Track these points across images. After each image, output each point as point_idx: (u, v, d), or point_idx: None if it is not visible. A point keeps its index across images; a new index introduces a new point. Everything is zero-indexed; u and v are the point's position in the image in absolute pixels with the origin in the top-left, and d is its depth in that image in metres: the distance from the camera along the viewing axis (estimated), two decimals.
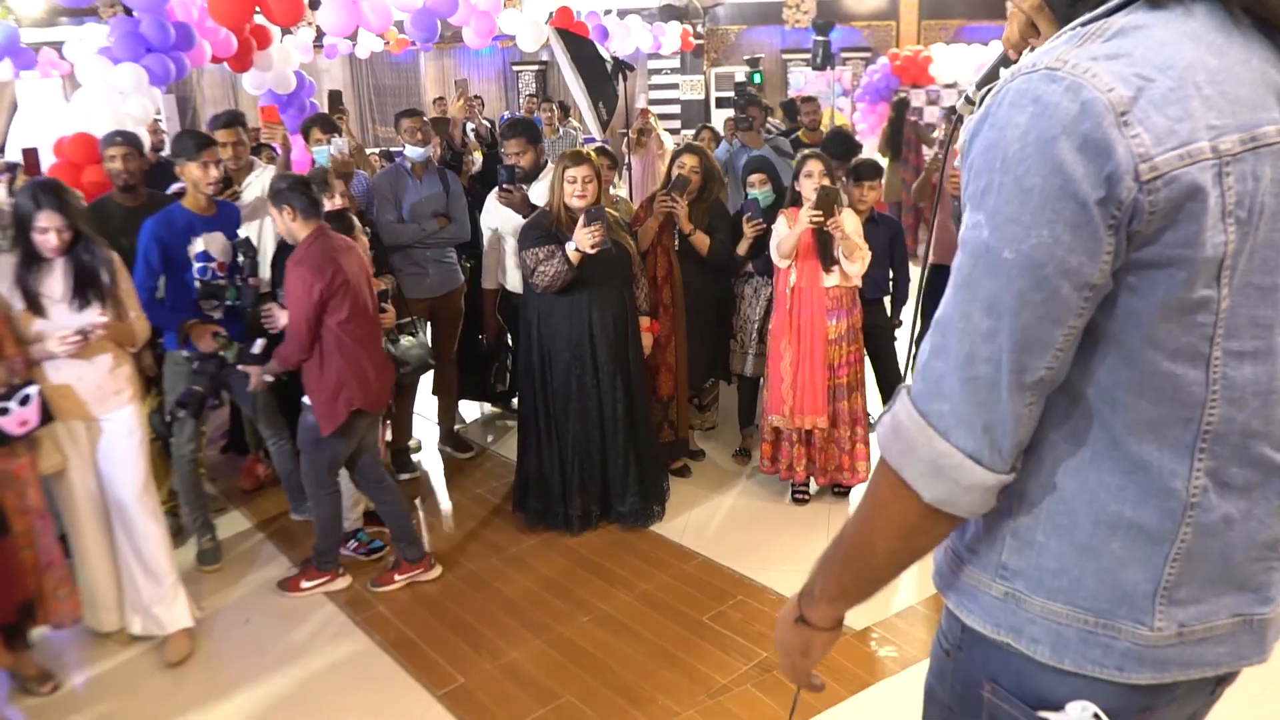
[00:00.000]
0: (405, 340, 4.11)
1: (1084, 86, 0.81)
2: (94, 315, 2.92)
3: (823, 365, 3.90)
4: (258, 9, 4.97)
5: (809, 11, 13.42)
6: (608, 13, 9.81)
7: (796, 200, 3.93)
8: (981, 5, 12.99)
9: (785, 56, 13.79)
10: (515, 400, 4.86)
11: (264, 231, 3.98)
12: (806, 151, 4.01)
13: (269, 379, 3.43)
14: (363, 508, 3.90)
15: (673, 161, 4.33)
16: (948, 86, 10.80)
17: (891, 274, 4.36)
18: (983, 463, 0.92)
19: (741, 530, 3.99)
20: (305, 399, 3.37)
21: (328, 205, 3.61)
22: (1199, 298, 0.85)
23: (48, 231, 2.84)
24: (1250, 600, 0.98)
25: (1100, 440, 0.94)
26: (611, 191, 4.55)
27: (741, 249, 4.24)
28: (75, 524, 3.10)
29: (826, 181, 3.76)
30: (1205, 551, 0.94)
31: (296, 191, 3.23)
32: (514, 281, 4.34)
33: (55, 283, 2.92)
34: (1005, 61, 1.21)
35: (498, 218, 4.34)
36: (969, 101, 1.30)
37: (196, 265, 3.57)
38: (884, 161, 8.29)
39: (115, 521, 3.14)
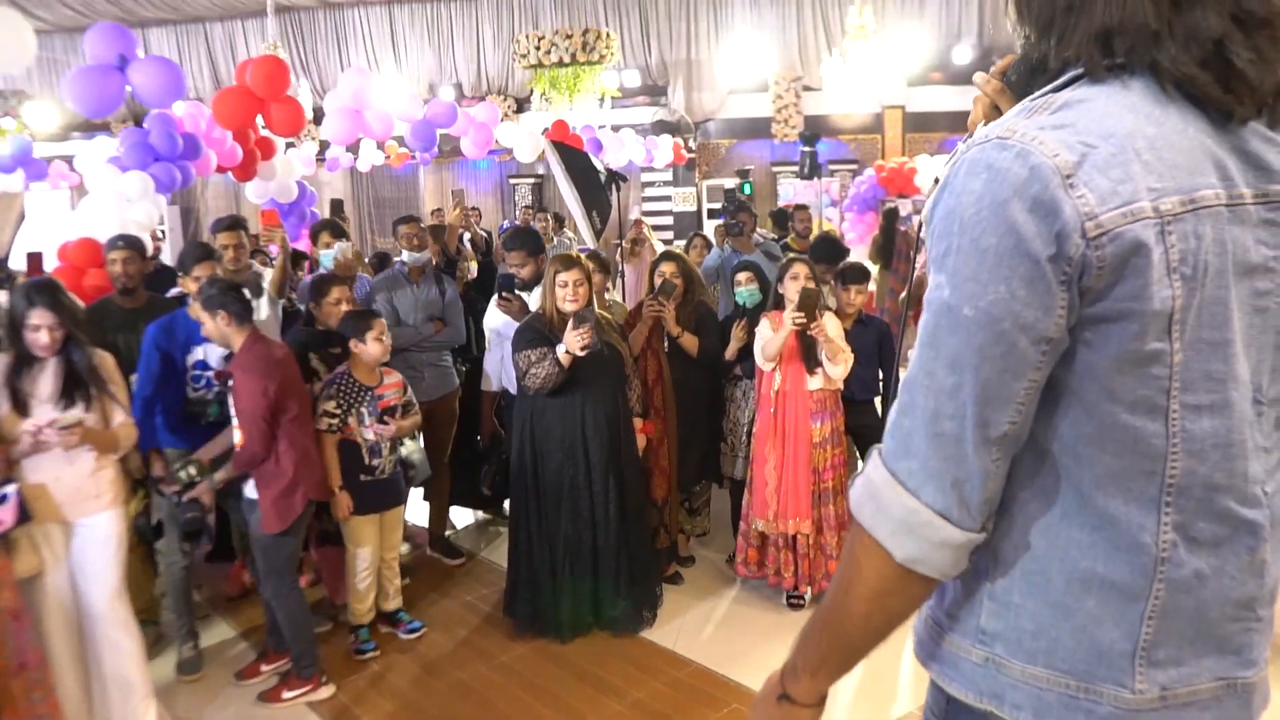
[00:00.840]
0: (409, 444, 4.14)
1: (1032, 153, 0.87)
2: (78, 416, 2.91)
3: (807, 469, 3.90)
4: (260, 117, 5.15)
5: (797, 126, 13.90)
6: (601, 127, 10.17)
7: (780, 303, 4.00)
8: (962, 119, 13.36)
9: (774, 169, 14.22)
10: (506, 505, 4.82)
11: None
12: (791, 255, 4.10)
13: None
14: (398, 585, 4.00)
15: (653, 270, 4.43)
16: None
17: (881, 374, 4.39)
18: (951, 519, 0.93)
19: (735, 636, 3.90)
20: (250, 495, 3.38)
21: (346, 306, 3.87)
22: (1151, 350, 0.88)
23: (39, 329, 2.86)
24: (1232, 663, 0.97)
25: (1068, 496, 0.96)
26: (606, 297, 4.64)
27: (730, 352, 4.29)
28: (45, 630, 3.01)
29: (810, 284, 3.83)
30: (1180, 609, 0.94)
31: (230, 297, 3.30)
32: (509, 382, 4.36)
33: (45, 383, 2.92)
34: None
35: (500, 321, 4.39)
36: (937, 183, 1.36)
37: (193, 374, 3.60)
38: (874, 269, 8.45)
39: (85, 630, 3.05)
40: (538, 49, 11.31)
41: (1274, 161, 0.91)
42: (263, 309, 4.22)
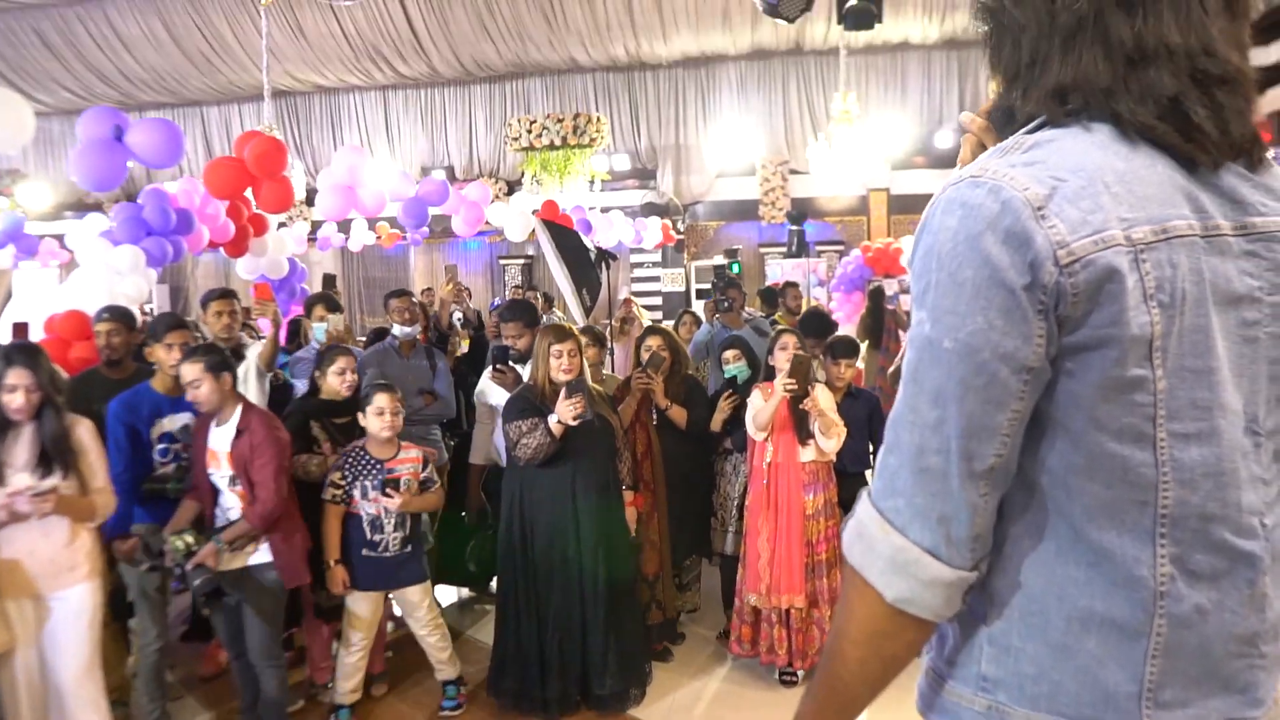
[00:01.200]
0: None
1: (1003, 188, 0.89)
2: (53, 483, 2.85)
3: (800, 541, 3.85)
4: (250, 191, 5.21)
5: (784, 208, 14.17)
6: (591, 209, 10.33)
7: (771, 375, 4.00)
8: None
9: (762, 250, 14.44)
10: (493, 583, 4.72)
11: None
12: (780, 328, 4.12)
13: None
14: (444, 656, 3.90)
15: (639, 344, 4.45)
16: None
17: (872, 447, 4.37)
18: (940, 556, 0.92)
19: (726, 714, 3.79)
20: (261, 559, 3.32)
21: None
22: (1133, 376, 0.88)
23: (16, 390, 2.80)
24: (1239, 703, 0.94)
25: (1061, 530, 0.94)
26: (603, 372, 4.66)
27: (716, 423, 4.28)
28: (9, 707, 2.89)
29: (800, 352, 3.84)
30: (1183, 646, 0.92)
31: (229, 366, 3.37)
32: (498, 453, 4.32)
33: (20, 450, 2.85)
34: None
35: (494, 393, 4.37)
36: None
37: (159, 447, 3.53)
38: (862, 347, 8.51)
39: (52, 708, 2.93)
40: (529, 132, 11.56)
41: (1249, 196, 0.93)
42: (249, 381, 4.20)
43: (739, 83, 14.42)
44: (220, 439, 3.35)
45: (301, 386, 4.49)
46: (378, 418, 3.67)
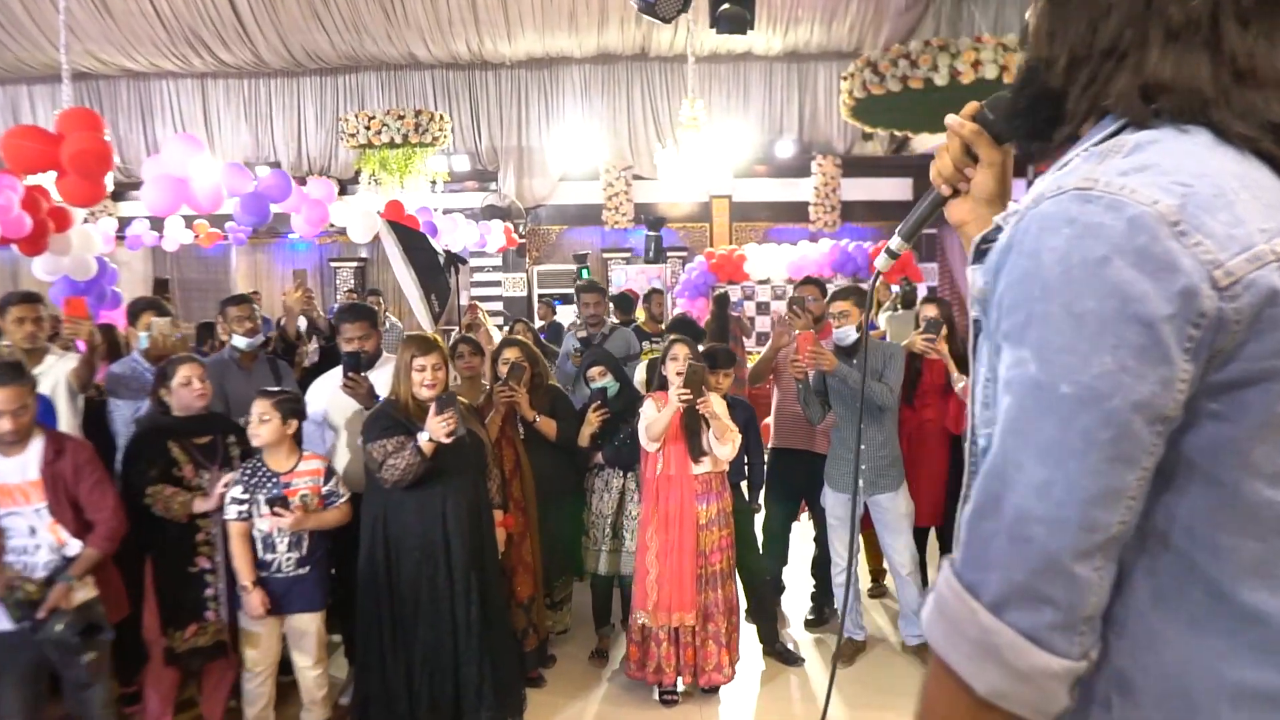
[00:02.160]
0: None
1: (1125, 202, 0.75)
2: None
3: (693, 553, 3.74)
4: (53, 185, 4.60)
5: (627, 214, 14.17)
6: (435, 210, 9.92)
7: (664, 384, 3.88)
8: (783, 210, 14.22)
9: (605, 255, 14.37)
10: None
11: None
12: (673, 336, 4.02)
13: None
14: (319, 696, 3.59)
15: (495, 359, 4.23)
16: (761, 282, 11.52)
17: (747, 458, 4.33)
18: (1042, 644, 0.77)
19: None
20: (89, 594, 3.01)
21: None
22: None
23: None
24: None
25: (1195, 595, 0.80)
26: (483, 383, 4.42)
27: (583, 438, 4.12)
28: None
29: (694, 361, 3.74)
30: None
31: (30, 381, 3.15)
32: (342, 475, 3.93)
33: None
34: (938, 203, 1.16)
35: (330, 403, 3.98)
36: (891, 255, 1.25)
37: None
38: None
39: None
40: (367, 128, 10.98)
41: None
42: (59, 401, 3.69)
43: (583, 86, 14.30)
44: (14, 472, 2.96)
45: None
46: (262, 424, 3.40)
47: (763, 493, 4.58)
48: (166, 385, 3.50)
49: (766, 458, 4.61)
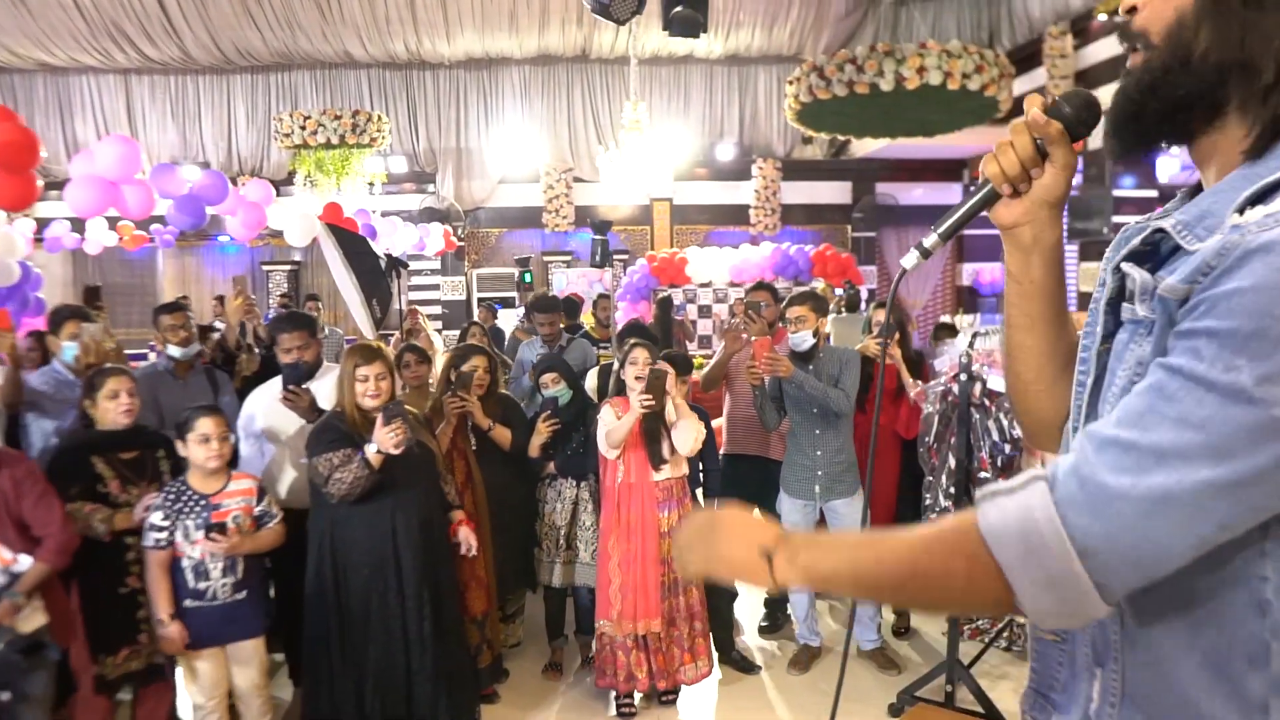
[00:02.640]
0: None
1: None
2: None
3: (655, 561, 3.69)
4: None
5: (568, 216, 14.07)
6: (373, 213, 9.71)
7: (622, 389, 3.82)
8: (721, 213, 14.28)
9: (546, 258, 14.24)
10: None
11: None
12: (632, 340, 3.95)
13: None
14: None
15: (450, 370, 4.10)
16: (703, 285, 11.52)
17: (702, 464, 4.29)
18: (1105, 595, 0.81)
19: None
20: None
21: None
22: None
23: None
24: None
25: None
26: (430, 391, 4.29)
27: (533, 448, 4.04)
28: None
29: (654, 366, 3.69)
30: None
31: None
32: (285, 491, 3.79)
33: None
34: (989, 201, 1.09)
35: (269, 415, 3.82)
36: (924, 254, 1.14)
37: None
38: None
39: None
40: (303, 129, 10.70)
41: None
42: None
43: (523, 87, 14.16)
44: None
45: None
46: (201, 446, 3.18)
47: (717, 500, 4.54)
48: (92, 397, 3.32)
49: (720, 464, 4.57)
